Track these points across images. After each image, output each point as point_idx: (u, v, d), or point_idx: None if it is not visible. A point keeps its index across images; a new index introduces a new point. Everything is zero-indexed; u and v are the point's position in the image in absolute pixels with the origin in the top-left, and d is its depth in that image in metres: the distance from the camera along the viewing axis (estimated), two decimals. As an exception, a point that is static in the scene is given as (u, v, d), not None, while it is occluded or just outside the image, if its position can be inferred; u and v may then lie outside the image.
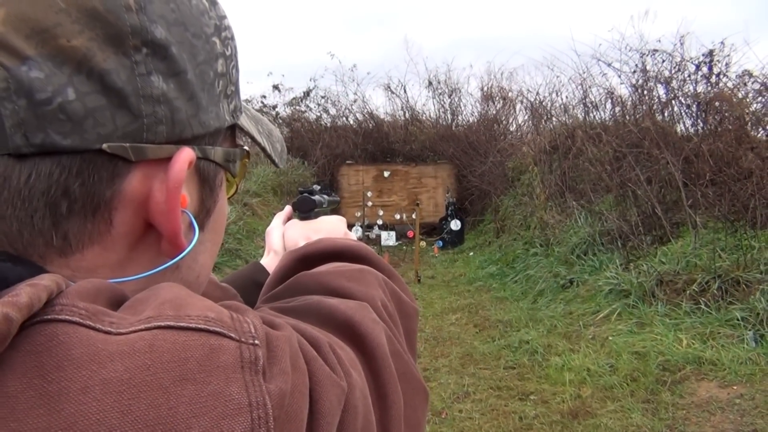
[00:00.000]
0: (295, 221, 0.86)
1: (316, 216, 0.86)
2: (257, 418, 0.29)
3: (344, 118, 13.75)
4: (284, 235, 0.84)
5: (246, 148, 0.48)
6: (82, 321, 0.29)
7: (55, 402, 0.26)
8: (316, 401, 0.35)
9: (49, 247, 0.35)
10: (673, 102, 6.99)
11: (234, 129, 0.47)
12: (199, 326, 0.31)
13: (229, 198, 0.49)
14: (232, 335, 0.31)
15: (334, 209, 0.99)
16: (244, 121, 0.47)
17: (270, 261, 0.85)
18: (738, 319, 4.19)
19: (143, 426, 0.27)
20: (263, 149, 0.51)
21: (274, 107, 13.61)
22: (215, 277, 0.81)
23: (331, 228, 0.82)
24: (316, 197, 0.89)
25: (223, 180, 0.45)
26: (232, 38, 0.44)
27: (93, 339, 0.28)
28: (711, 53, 6.32)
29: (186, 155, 0.38)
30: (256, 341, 0.32)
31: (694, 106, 6.62)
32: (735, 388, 3.59)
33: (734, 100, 6.28)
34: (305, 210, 0.86)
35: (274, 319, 0.39)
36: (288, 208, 0.90)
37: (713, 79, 6.41)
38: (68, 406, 0.26)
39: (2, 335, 0.26)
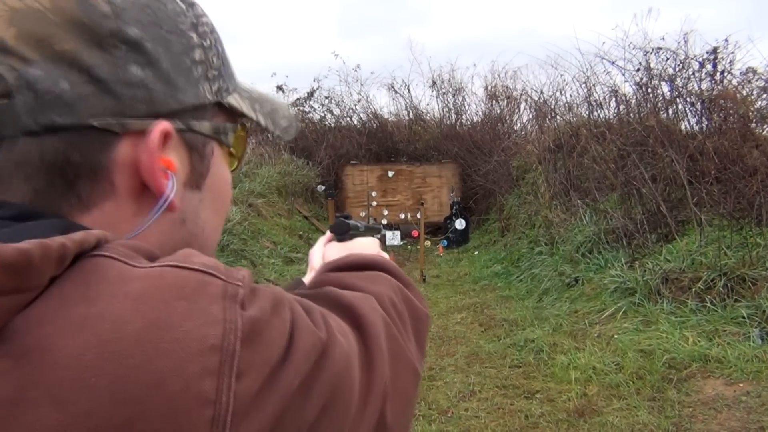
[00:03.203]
0: (334, 243, 0.95)
1: (352, 238, 0.95)
2: (228, 330, 0.39)
3: (348, 119, 13.78)
4: (324, 256, 0.94)
5: (245, 123, 0.59)
6: (118, 257, 0.40)
7: (92, 301, 0.37)
8: (293, 339, 0.43)
9: (72, 207, 0.46)
10: (678, 100, 6.97)
11: (228, 107, 0.56)
12: (197, 268, 0.41)
13: (233, 170, 0.60)
14: (221, 277, 0.41)
15: (373, 236, 1.05)
16: (234, 100, 0.56)
17: (310, 278, 0.92)
18: (744, 317, 4.18)
19: (147, 321, 0.37)
20: (254, 121, 0.59)
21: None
22: None
23: (361, 248, 0.90)
24: (352, 221, 0.97)
25: (215, 150, 0.55)
26: (212, 32, 0.55)
27: (124, 268, 0.39)
28: (715, 51, 6.30)
29: (161, 126, 0.48)
30: (239, 284, 0.42)
31: (699, 103, 6.60)
32: (741, 385, 3.59)
33: (739, 97, 6.27)
34: (340, 232, 0.95)
35: (277, 287, 0.48)
36: (329, 232, 0.98)
37: (717, 76, 6.40)
38: (100, 304, 0.37)
39: (60, 255, 0.37)
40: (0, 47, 0.43)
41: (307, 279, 0.92)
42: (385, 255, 0.90)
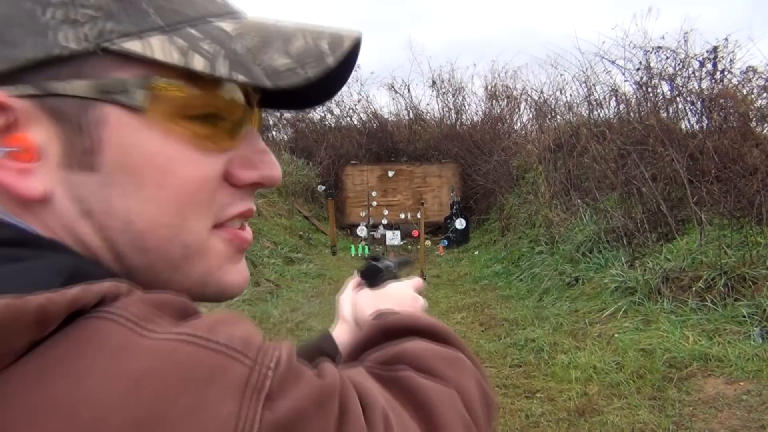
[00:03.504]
0: (365, 290, 0.87)
1: (384, 282, 0.87)
2: None
3: (348, 118, 13.80)
4: (355, 304, 0.85)
5: (204, 75, 0.41)
6: (126, 321, 0.33)
7: (78, 379, 0.30)
8: None
9: None
10: (678, 99, 6.97)
11: (128, 55, 0.40)
12: (219, 347, 0.33)
13: (217, 142, 0.44)
14: (247, 361, 0.34)
15: (407, 268, 1.00)
16: (135, 45, 0.40)
17: (340, 331, 0.86)
18: (744, 316, 4.19)
19: (138, 414, 0.30)
20: (183, 69, 0.41)
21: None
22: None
23: (398, 295, 0.83)
24: (383, 263, 0.89)
25: (113, 115, 0.40)
26: None
27: (129, 337, 0.32)
28: (715, 50, 6.30)
29: None
30: (270, 371, 0.34)
31: (699, 103, 6.61)
32: (742, 384, 3.59)
33: (739, 96, 6.27)
34: (371, 278, 0.87)
35: (338, 371, 0.41)
36: (357, 277, 0.90)
37: (717, 75, 6.40)
38: (86, 383, 0.30)
39: (38, 319, 0.30)
40: None
41: (337, 332, 0.86)
42: (421, 301, 0.85)
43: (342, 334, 0.85)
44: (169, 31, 0.41)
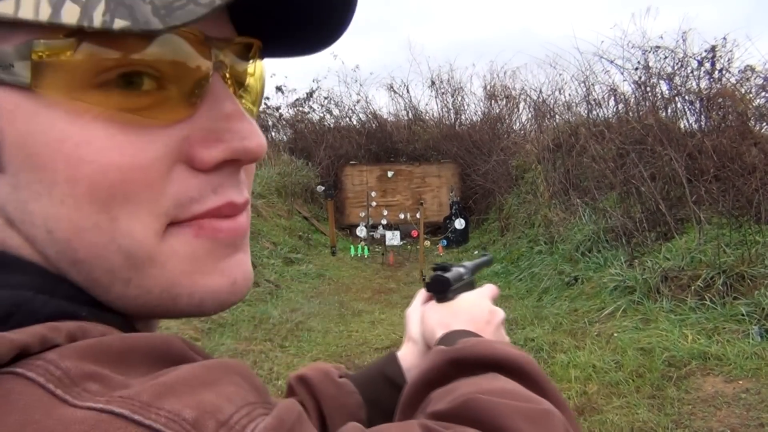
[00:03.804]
0: (432, 304, 0.76)
1: (455, 294, 0.76)
2: None
3: (347, 119, 13.81)
4: (422, 321, 0.74)
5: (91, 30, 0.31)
6: (46, 384, 0.26)
7: None
8: None
9: None
10: (676, 98, 6.99)
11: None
12: (154, 427, 0.26)
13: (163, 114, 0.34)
14: None
15: (486, 267, 0.87)
16: (5, 6, 0.30)
17: (406, 352, 0.75)
18: (743, 314, 4.19)
19: None
20: (61, 25, 0.31)
21: (278, 109, 13.66)
22: (333, 369, 0.71)
23: (471, 309, 0.72)
24: (452, 271, 0.78)
25: (2, 100, 0.32)
26: None
27: (42, 405, 0.26)
28: (713, 49, 6.32)
29: None
30: None
31: (697, 102, 6.62)
32: (741, 382, 3.59)
33: (737, 95, 6.28)
34: (439, 291, 0.76)
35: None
36: (425, 291, 0.80)
37: (716, 75, 6.42)
38: None
39: None
40: None
41: (402, 353, 0.75)
42: (501, 313, 0.75)
43: (409, 355, 0.74)
44: None
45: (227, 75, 0.37)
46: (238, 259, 0.39)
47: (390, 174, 11.73)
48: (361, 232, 10.70)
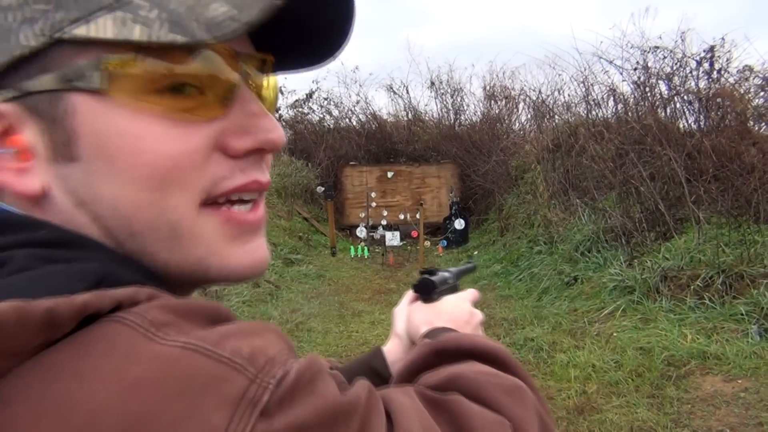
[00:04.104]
0: (419, 304, 0.84)
1: (440, 296, 0.84)
2: None
3: (347, 120, 13.83)
4: (408, 319, 0.82)
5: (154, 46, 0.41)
6: (137, 327, 0.34)
7: (81, 379, 0.31)
8: None
9: None
10: (675, 98, 7.00)
11: (83, 41, 0.40)
12: (223, 358, 0.33)
13: (189, 114, 0.42)
14: (249, 374, 0.34)
15: (469, 274, 0.95)
16: (83, 29, 0.40)
17: (392, 346, 0.83)
18: (742, 314, 4.20)
19: (131, 418, 0.30)
20: (128, 41, 0.40)
21: (277, 110, 13.66)
22: (325, 362, 0.78)
23: (453, 310, 0.80)
24: (438, 275, 0.86)
25: (79, 103, 0.40)
26: None
27: (139, 342, 0.33)
28: (712, 49, 6.32)
29: None
30: (271, 386, 0.34)
31: (696, 102, 6.63)
32: (740, 381, 3.60)
33: (736, 95, 6.29)
34: (425, 293, 0.84)
35: (370, 389, 0.41)
36: (412, 292, 0.87)
37: (714, 75, 6.42)
38: (87, 385, 0.31)
39: (45, 321, 0.32)
40: None
41: (388, 348, 0.83)
42: (479, 315, 0.82)
43: (394, 350, 0.82)
44: (115, 8, 0.40)
45: (251, 83, 0.46)
46: (259, 243, 0.48)
47: (390, 175, 11.74)
48: (361, 232, 10.71)
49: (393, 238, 10.69)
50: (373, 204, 11.42)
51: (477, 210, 11.34)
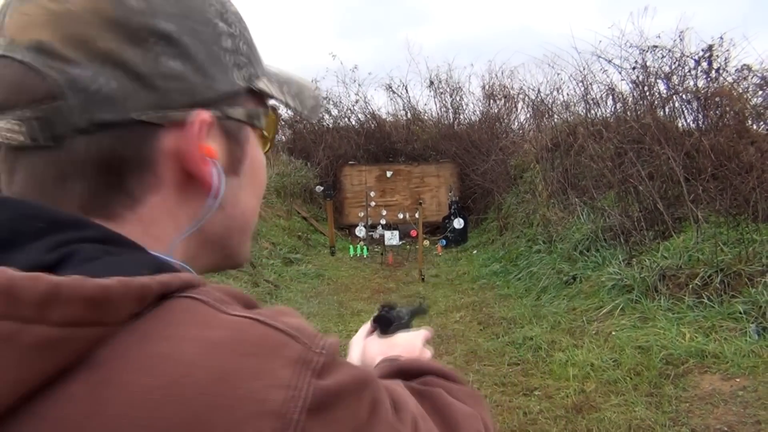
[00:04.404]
0: (374, 338, 0.94)
1: (395, 331, 0.93)
2: (292, 397, 0.38)
3: (346, 119, 13.83)
4: (364, 349, 0.93)
5: (275, 107, 0.60)
6: (209, 302, 0.41)
7: (169, 341, 0.38)
8: (369, 429, 0.43)
9: (122, 205, 0.47)
10: (674, 98, 7.00)
11: (259, 91, 0.56)
12: (281, 328, 0.41)
13: (266, 152, 0.60)
14: (304, 342, 0.41)
15: (421, 315, 1.06)
16: (263, 84, 0.55)
17: None
18: (740, 312, 4.21)
19: (216, 371, 0.37)
20: (284, 103, 0.59)
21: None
22: None
23: (404, 345, 0.89)
24: (396, 312, 0.96)
25: (250, 134, 0.55)
26: (239, 20, 0.54)
27: (210, 313, 0.40)
28: (710, 48, 6.33)
29: (199, 114, 0.48)
30: (320, 351, 0.41)
31: (695, 101, 6.63)
32: (738, 380, 3.61)
33: (734, 94, 6.30)
34: (383, 327, 0.94)
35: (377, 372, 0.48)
36: (369, 323, 0.98)
37: (713, 74, 6.43)
38: (176, 345, 0.37)
39: (140, 294, 0.38)
40: (48, 50, 0.44)
41: None
42: (428, 352, 0.91)
43: None
44: (262, 75, 0.56)
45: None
46: None
47: (389, 174, 11.74)
48: (360, 232, 10.71)
49: (392, 238, 10.69)
50: (372, 203, 11.42)
51: (476, 209, 11.34)
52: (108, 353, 0.36)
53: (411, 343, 0.89)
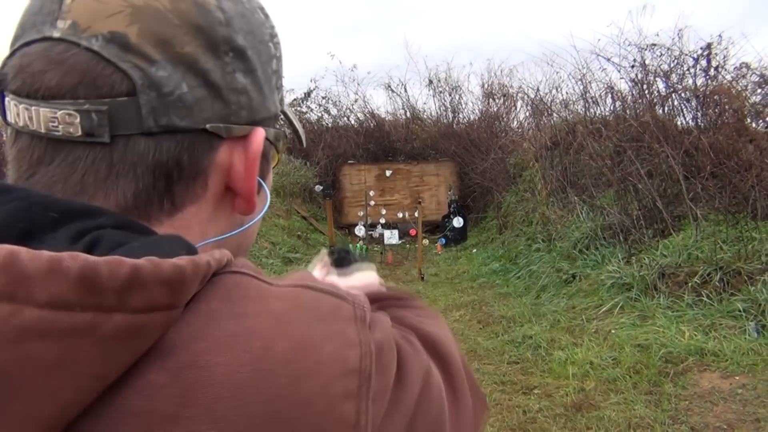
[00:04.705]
0: (332, 275, 0.94)
1: (351, 271, 0.94)
2: (365, 353, 0.40)
3: (345, 118, 13.82)
4: None
5: (284, 129, 0.60)
6: (254, 275, 0.41)
7: (240, 318, 0.38)
8: (401, 360, 0.45)
9: (162, 210, 0.45)
10: (673, 96, 7.00)
11: (284, 116, 0.58)
12: (329, 291, 0.43)
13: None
14: (349, 300, 0.43)
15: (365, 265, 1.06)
16: (287, 109, 0.58)
17: None
18: (740, 310, 4.21)
19: (294, 341, 0.38)
20: (295, 130, 0.61)
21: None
22: None
23: (365, 281, 0.90)
24: (351, 254, 0.98)
25: (272, 154, 0.56)
26: (280, 43, 0.55)
27: (262, 286, 0.41)
28: (709, 46, 6.33)
29: (261, 133, 0.49)
30: (366, 309, 0.43)
31: (694, 99, 6.63)
32: (737, 378, 3.61)
33: (733, 92, 6.30)
34: (343, 264, 0.95)
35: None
36: (326, 259, 0.97)
37: (712, 72, 6.43)
38: (248, 321, 0.38)
39: (206, 274, 0.38)
40: (122, 43, 0.42)
41: None
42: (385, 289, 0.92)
43: None
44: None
45: None
46: None
47: (388, 173, 11.74)
48: (360, 231, 10.71)
49: (391, 237, 10.69)
50: (372, 202, 11.42)
51: (475, 208, 11.34)
52: (182, 337, 0.36)
53: (370, 279, 0.90)
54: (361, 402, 0.39)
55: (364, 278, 0.92)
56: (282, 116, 0.58)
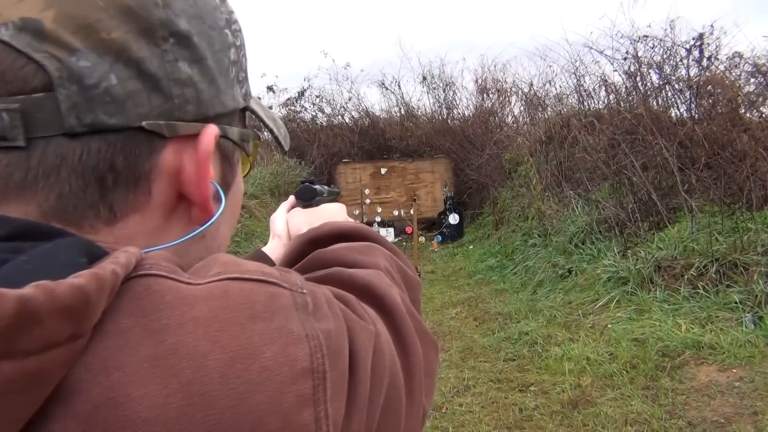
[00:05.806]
0: (298, 209, 0.89)
1: (318, 204, 0.89)
2: (314, 347, 0.35)
3: (340, 117, 13.75)
4: (288, 222, 0.88)
5: (256, 131, 0.53)
6: (168, 275, 0.35)
7: (158, 335, 0.31)
8: (351, 342, 0.39)
9: (98, 218, 0.39)
10: (666, 87, 6.97)
11: (245, 112, 0.51)
12: (260, 278, 0.37)
13: (243, 176, 0.53)
14: (285, 285, 0.37)
15: (334, 200, 1.01)
16: (254, 105, 0.51)
17: (273, 246, 0.88)
18: (736, 302, 4.18)
19: (228, 351, 0.32)
20: (270, 130, 0.55)
21: (269, 108, 13.59)
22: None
23: (332, 214, 0.85)
24: (317, 187, 0.92)
25: (239, 158, 0.50)
26: (240, 30, 0.49)
27: (179, 287, 0.34)
28: (701, 37, 6.29)
29: (212, 130, 0.43)
30: (304, 291, 0.38)
31: (687, 90, 6.60)
32: (734, 371, 3.58)
33: (726, 82, 6.26)
34: (307, 198, 0.89)
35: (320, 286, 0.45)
36: (291, 198, 0.93)
37: (704, 62, 6.39)
38: (169, 338, 0.32)
39: (112, 286, 0.32)
40: (36, 31, 0.36)
41: (269, 248, 0.88)
42: (352, 220, 0.86)
43: (275, 249, 0.87)
44: (251, 96, 0.51)
45: None
46: None
47: (383, 171, 11.71)
48: (356, 229, 10.67)
49: (388, 235, 10.66)
50: (368, 201, 11.38)
51: (471, 204, 11.31)
52: (90, 371, 0.30)
53: (336, 214, 0.86)
54: (319, 406, 0.34)
55: (330, 211, 0.87)
56: (251, 114, 0.52)
